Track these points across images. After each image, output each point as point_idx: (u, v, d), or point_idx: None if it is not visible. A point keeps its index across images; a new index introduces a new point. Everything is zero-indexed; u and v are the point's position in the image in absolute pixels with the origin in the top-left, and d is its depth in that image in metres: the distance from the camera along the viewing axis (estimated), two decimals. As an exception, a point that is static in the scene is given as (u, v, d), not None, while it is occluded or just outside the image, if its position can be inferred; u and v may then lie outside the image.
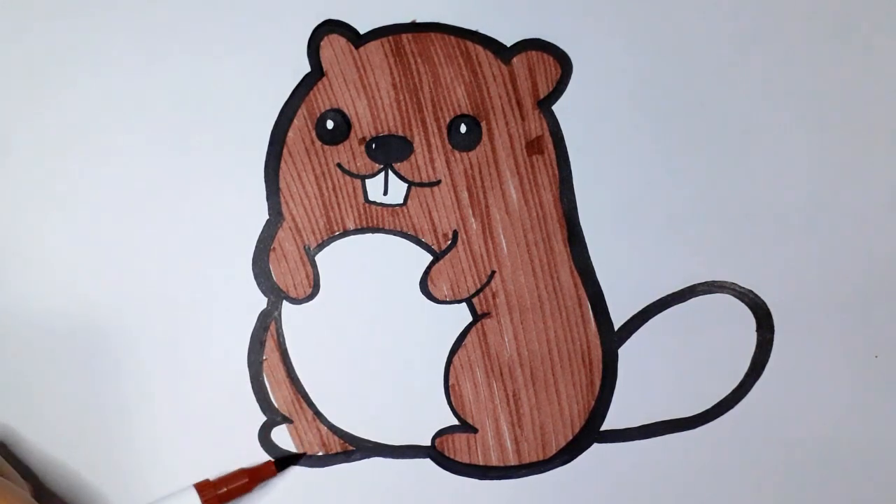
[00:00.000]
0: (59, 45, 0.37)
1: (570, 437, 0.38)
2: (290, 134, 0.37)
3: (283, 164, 0.37)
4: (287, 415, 0.38)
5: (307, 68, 0.37)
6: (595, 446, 0.38)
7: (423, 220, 0.38)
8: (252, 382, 0.38)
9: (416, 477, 0.38)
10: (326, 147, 0.37)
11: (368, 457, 0.38)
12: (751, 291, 0.38)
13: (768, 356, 0.38)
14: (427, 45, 0.37)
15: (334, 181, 0.37)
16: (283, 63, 0.37)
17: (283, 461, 0.37)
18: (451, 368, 0.38)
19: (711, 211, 0.38)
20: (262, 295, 0.38)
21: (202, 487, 0.35)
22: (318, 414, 0.38)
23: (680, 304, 0.38)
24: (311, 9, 0.37)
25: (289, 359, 0.38)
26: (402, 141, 0.37)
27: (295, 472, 0.38)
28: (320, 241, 0.38)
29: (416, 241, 0.38)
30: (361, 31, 0.37)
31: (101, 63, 0.37)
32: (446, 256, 0.38)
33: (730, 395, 0.38)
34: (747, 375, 0.38)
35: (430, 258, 0.38)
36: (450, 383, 0.38)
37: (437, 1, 0.37)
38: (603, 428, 0.38)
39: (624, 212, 0.38)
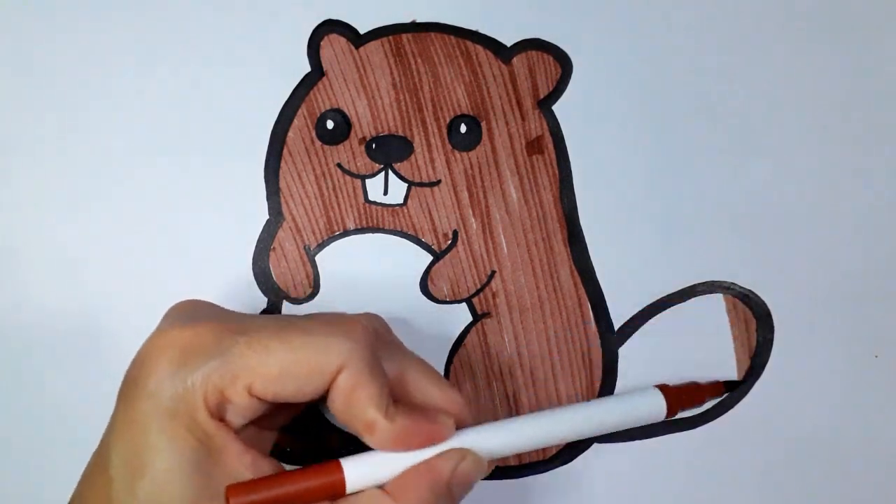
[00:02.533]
0: (58, 44, 0.37)
1: (570, 437, 0.38)
2: (290, 134, 0.37)
3: (283, 164, 0.37)
4: (287, 415, 0.38)
5: (307, 68, 0.37)
6: (595, 446, 0.38)
7: (423, 220, 0.38)
8: (252, 382, 0.38)
9: (416, 477, 0.38)
10: (326, 147, 0.37)
11: (368, 457, 0.38)
12: (751, 291, 0.38)
13: (768, 356, 0.38)
14: (427, 45, 0.38)
15: (334, 181, 0.38)
16: (283, 63, 0.37)
17: (731, 384, 0.38)
18: (451, 368, 0.38)
19: (711, 211, 0.38)
20: (262, 295, 0.38)
21: (666, 390, 0.36)
22: (319, 414, 0.38)
23: (680, 304, 0.38)
24: (311, 9, 0.37)
25: (289, 359, 0.38)
26: (402, 141, 0.37)
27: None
28: (320, 241, 0.38)
29: (416, 241, 0.38)
30: (361, 31, 0.37)
31: (101, 63, 0.37)
32: (446, 256, 0.38)
33: (730, 395, 0.38)
34: (747, 375, 0.38)
35: (430, 258, 0.38)
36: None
37: (437, 1, 0.37)
38: (603, 428, 0.38)
39: (624, 212, 0.38)
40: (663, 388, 0.35)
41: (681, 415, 0.38)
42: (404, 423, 0.29)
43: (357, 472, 0.29)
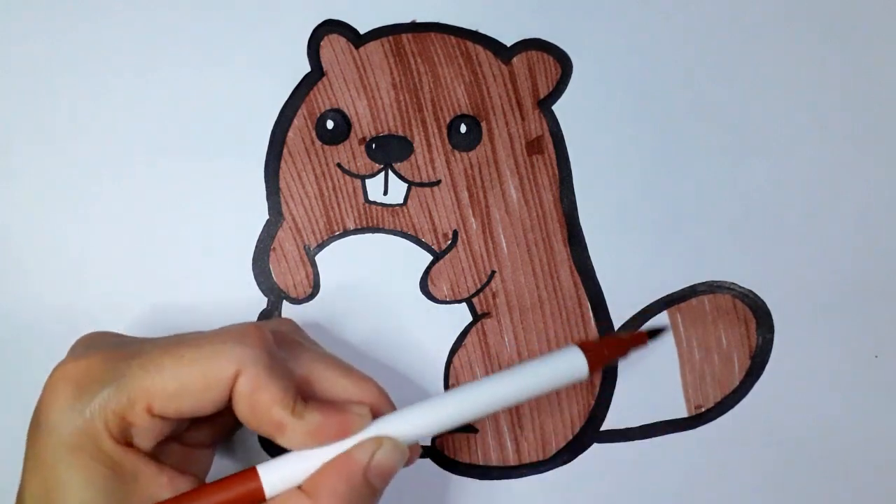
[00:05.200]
0: (59, 45, 0.37)
1: (570, 437, 0.38)
2: (290, 134, 0.37)
3: (283, 164, 0.37)
4: (287, 415, 0.38)
5: (307, 68, 0.37)
6: (595, 446, 0.38)
7: (423, 220, 0.38)
8: (252, 382, 0.38)
9: (416, 477, 0.38)
10: (326, 147, 0.37)
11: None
12: (751, 291, 0.38)
13: (768, 356, 0.38)
14: (427, 45, 0.38)
15: (334, 181, 0.38)
16: (283, 63, 0.37)
17: (654, 332, 0.36)
18: (451, 368, 0.38)
19: (711, 211, 0.38)
20: (262, 295, 0.38)
21: (586, 346, 0.33)
22: (318, 414, 0.38)
23: (680, 304, 0.38)
24: (311, 9, 0.37)
25: (289, 359, 0.38)
26: (402, 141, 0.37)
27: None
28: (320, 241, 0.38)
29: (416, 241, 0.38)
30: (361, 31, 0.37)
31: (101, 63, 0.37)
32: (446, 256, 0.38)
33: (730, 395, 0.38)
34: (747, 375, 0.38)
35: (430, 258, 0.38)
36: (450, 383, 0.38)
37: (437, 1, 0.37)
38: (603, 428, 0.38)
39: (624, 212, 0.38)
40: (583, 344, 0.33)
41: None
42: (314, 419, 0.29)
43: (274, 475, 0.29)
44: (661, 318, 0.38)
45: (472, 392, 0.32)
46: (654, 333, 0.36)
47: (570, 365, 0.33)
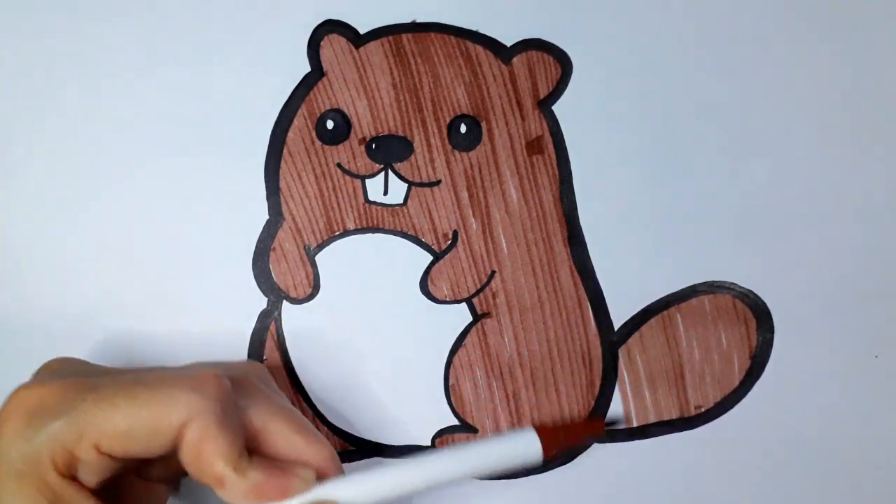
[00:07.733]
0: (59, 45, 0.37)
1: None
2: (290, 134, 0.37)
3: (283, 164, 0.37)
4: (287, 415, 0.38)
5: (307, 68, 0.37)
6: (595, 446, 0.38)
7: (423, 220, 0.38)
8: (252, 382, 0.38)
9: (416, 477, 0.38)
10: (326, 147, 0.37)
11: (369, 457, 0.38)
12: (751, 291, 0.38)
13: (768, 356, 0.38)
14: (427, 45, 0.38)
15: (334, 181, 0.38)
16: (283, 63, 0.37)
17: (611, 423, 0.37)
18: (451, 368, 0.38)
19: (711, 211, 0.38)
20: (262, 295, 0.38)
21: (542, 430, 0.34)
22: (318, 414, 0.38)
23: (680, 304, 0.38)
24: (311, 9, 0.37)
25: (289, 359, 0.38)
26: (402, 141, 0.37)
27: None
28: (320, 241, 0.38)
29: (416, 241, 0.38)
30: (361, 31, 0.37)
31: (101, 63, 0.37)
32: (446, 256, 0.38)
33: (730, 395, 0.38)
34: (747, 375, 0.38)
35: (430, 258, 0.38)
36: (450, 383, 0.38)
37: (437, 1, 0.37)
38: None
39: (624, 212, 0.38)
40: (539, 427, 0.34)
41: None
42: (255, 478, 0.29)
43: None
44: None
45: (421, 466, 0.32)
46: (611, 424, 0.37)
47: (525, 447, 0.33)
